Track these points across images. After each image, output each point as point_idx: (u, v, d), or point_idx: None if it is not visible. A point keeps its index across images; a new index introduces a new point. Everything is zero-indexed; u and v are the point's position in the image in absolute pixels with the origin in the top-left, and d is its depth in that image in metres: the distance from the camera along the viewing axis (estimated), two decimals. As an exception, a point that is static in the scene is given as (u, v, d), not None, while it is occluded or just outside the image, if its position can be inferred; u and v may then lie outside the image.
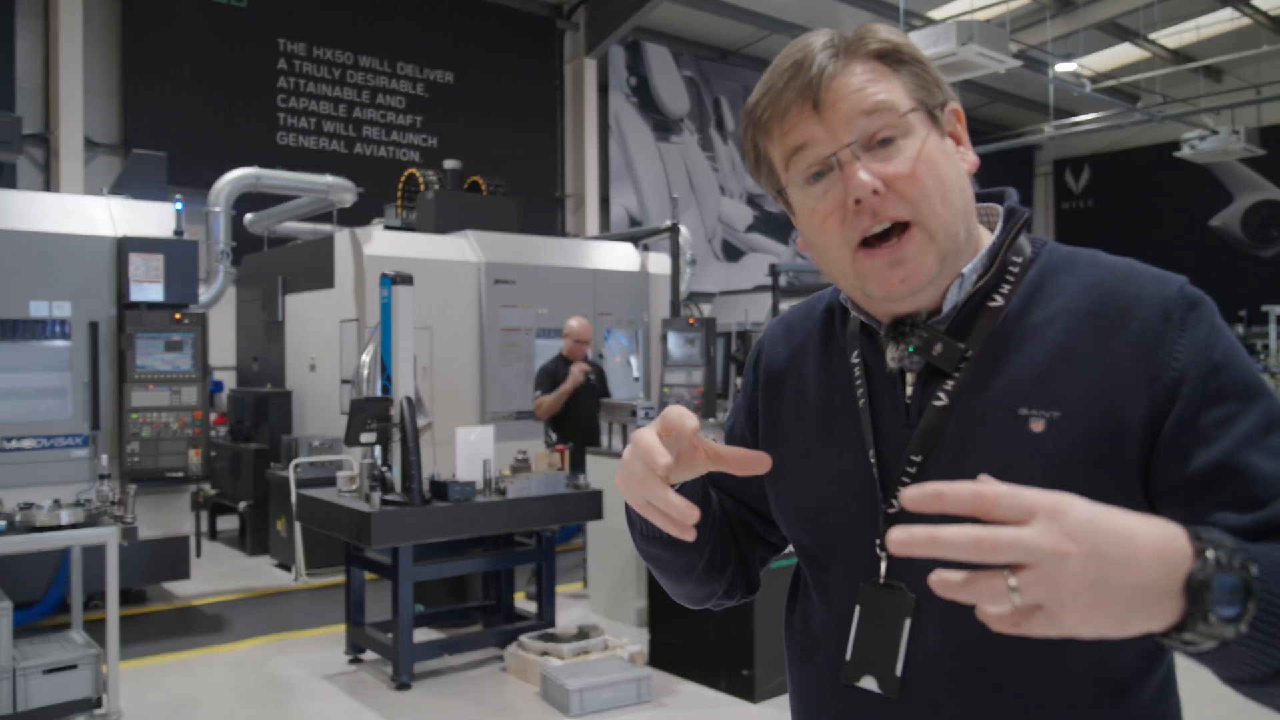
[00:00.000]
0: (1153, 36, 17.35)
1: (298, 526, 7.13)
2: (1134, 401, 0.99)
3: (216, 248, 7.71)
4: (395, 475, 5.07)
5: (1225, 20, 17.11)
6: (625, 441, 6.48)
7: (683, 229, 9.86)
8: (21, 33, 10.92)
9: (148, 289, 6.30)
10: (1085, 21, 16.03)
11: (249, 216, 10.34)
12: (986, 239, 1.12)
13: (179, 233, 6.52)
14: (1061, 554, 0.73)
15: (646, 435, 0.99)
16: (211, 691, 5.09)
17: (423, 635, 5.49)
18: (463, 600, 6.12)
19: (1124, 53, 18.20)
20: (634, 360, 9.49)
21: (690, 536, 0.98)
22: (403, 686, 4.98)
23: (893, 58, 1.07)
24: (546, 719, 4.63)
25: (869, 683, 1.08)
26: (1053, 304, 1.07)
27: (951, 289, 1.08)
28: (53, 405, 6.24)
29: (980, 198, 1.16)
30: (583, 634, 5.26)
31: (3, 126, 6.79)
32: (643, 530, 1.19)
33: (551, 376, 7.10)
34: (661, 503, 0.97)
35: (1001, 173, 22.64)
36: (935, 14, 15.95)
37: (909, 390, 1.10)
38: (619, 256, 9.76)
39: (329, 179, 9.01)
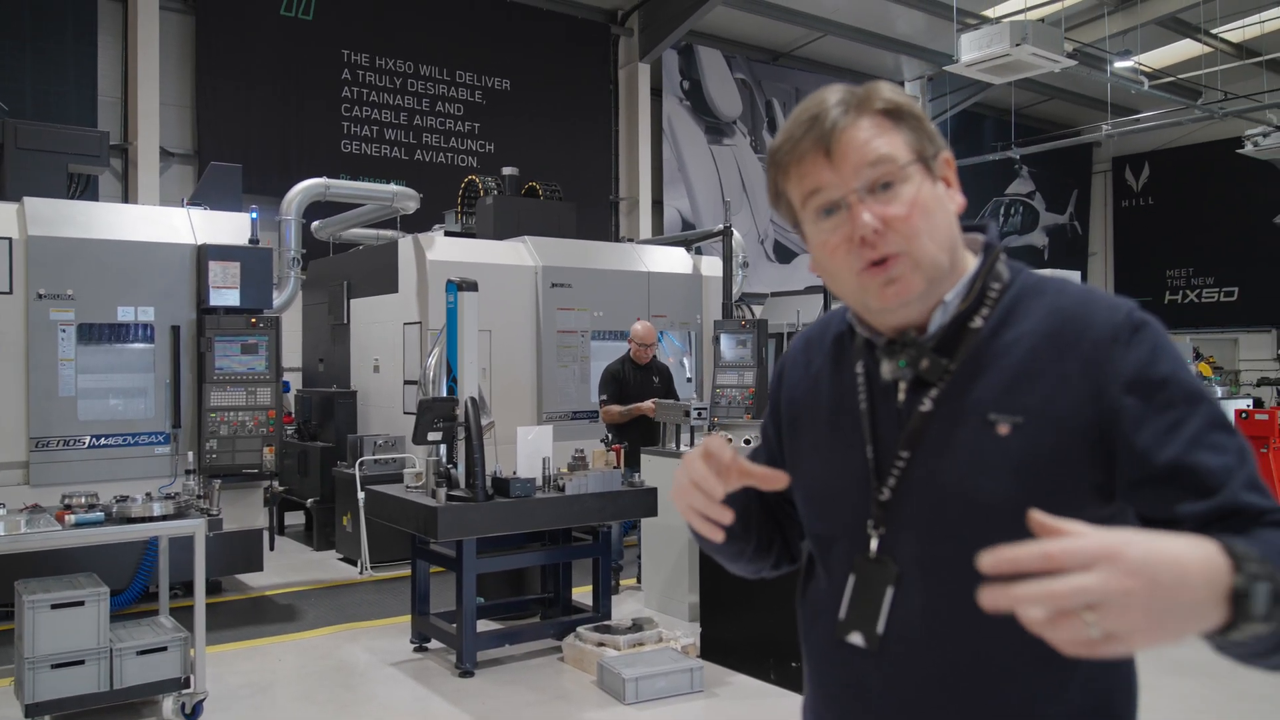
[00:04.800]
0: (1214, 31, 17.07)
1: (363, 522, 7.44)
2: (1083, 411, 1.18)
3: (288, 255, 8.06)
4: (459, 472, 5.31)
5: (1290, 13, 16.78)
6: (678, 441, 6.68)
7: (735, 232, 10.02)
8: (102, 48, 11.45)
9: (225, 294, 6.64)
10: (1144, 18, 15.85)
11: (315, 223, 10.71)
12: (971, 264, 1.31)
13: (254, 241, 6.85)
14: (1126, 591, 0.86)
15: (698, 465, 1.25)
16: (286, 675, 5.38)
17: (483, 626, 5.73)
18: (520, 593, 6.37)
19: (1185, 48, 17.93)
20: (687, 361, 9.68)
21: (719, 538, 1.28)
22: (466, 674, 5.22)
23: (895, 115, 1.26)
24: (603, 706, 4.84)
25: (856, 638, 1.30)
26: (1023, 325, 1.26)
27: (936, 313, 1.28)
28: (137, 405, 6.61)
29: (968, 228, 1.35)
30: (637, 626, 5.47)
31: (89, 142, 7.18)
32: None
33: (616, 379, 7.29)
34: (715, 514, 1.25)
35: (1060, 170, 22.39)
36: (990, 13, 15.88)
37: (901, 397, 1.30)
38: (672, 260, 9.95)
39: (394, 188, 9.34)
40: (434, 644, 5.73)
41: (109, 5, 11.53)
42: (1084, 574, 0.87)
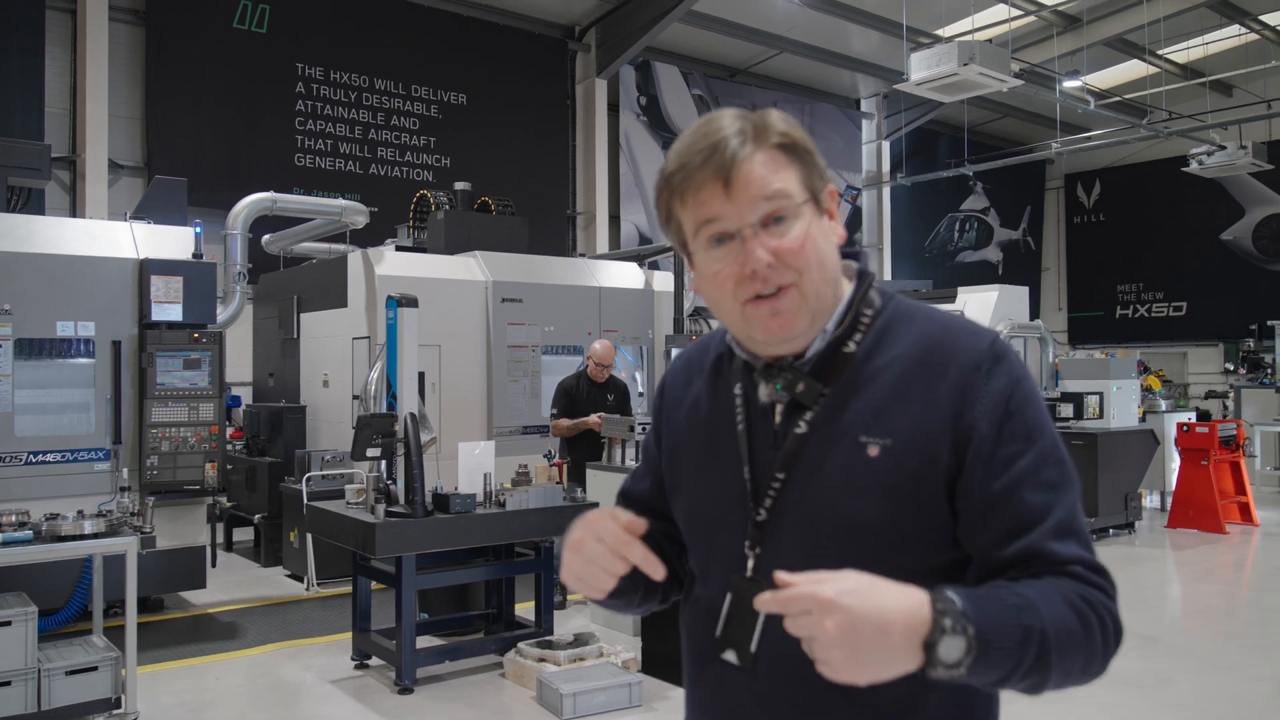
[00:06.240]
0: (1160, 52, 17.48)
1: (309, 538, 7.38)
2: (944, 434, 1.24)
3: (234, 269, 8.00)
4: (399, 488, 5.31)
5: (1234, 36, 17.24)
6: (623, 457, 6.70)
7: (687, 248, 10.07)
8: (50, 59, 11.32)
9: (168, 309, 6.58)
10: (1092, 38, 16.20)
11: (266, 237, 10.65)
12: (847, 291, 1.36)
13: (198, 255, 6.81)
14: (828, 636, 1.05)
15: (610, 525, 1.29)
16: (222, 695, 5.33)
17: (426, 642, 5.72)
18: (466, 609, 6.35)
19: (1132, 68, 18.34)
20: (639, 376, 9.71)
21: (609, 586, 1.32)
22: (405, 691, 5.21)
23: (790, 150, 1.29)
24: (541, 722, 4.84)
25: (730, 656, 1.32)
26: (893, 350, 1.30)
27: (815, 339, 1.32)
28: (77, 420, 6.53)
29: (844, 255, 1.39)
30: (579, 641, 5.48)
31: (32, 155, 7.11)
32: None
33: (569, 394, 7.31)
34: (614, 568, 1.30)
35: (1013, 187, 22.76)
36: (943, 32, 16.16)
37: (778, 419, 1.33)
38: (624, 275, 9.99)
39: (342, 202, 9.30)
40: (375, 661, 5.71)
41: (57, 16, 11.41)
42: (805, 616, 1.06)
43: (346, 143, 13.43)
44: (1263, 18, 16.65)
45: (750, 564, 1.31)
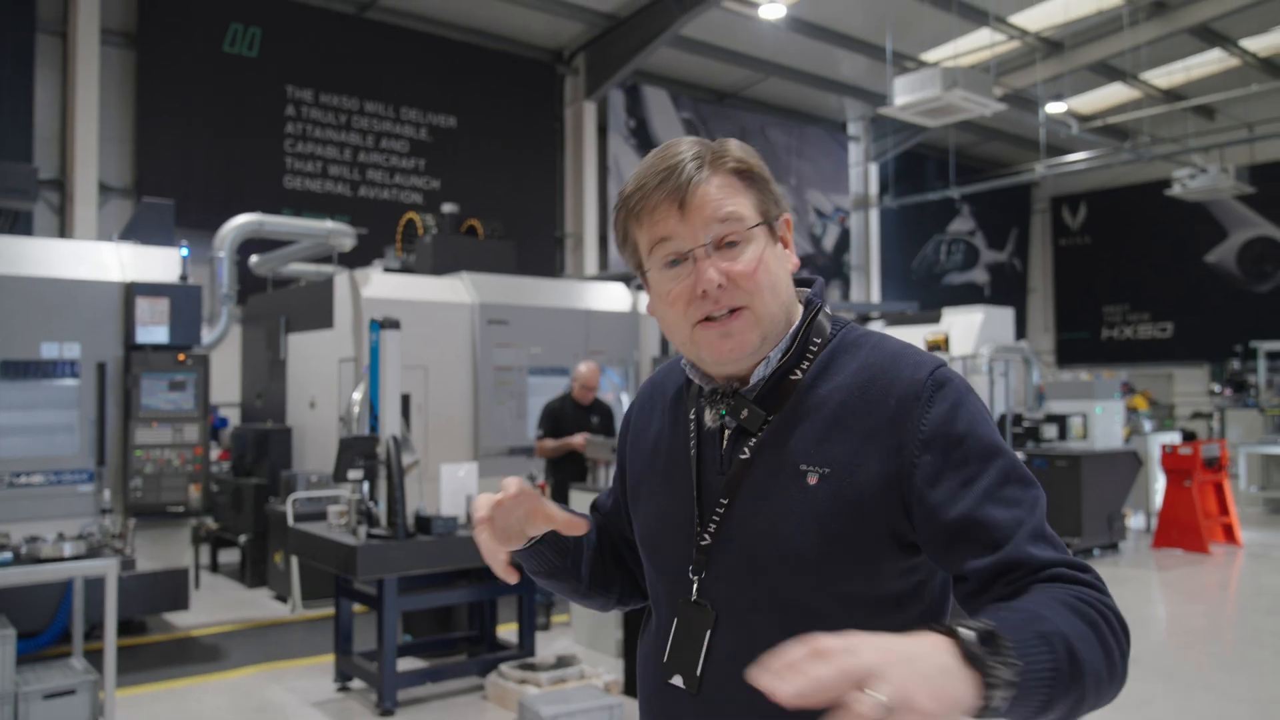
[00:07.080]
0: (1143, 77, 17.69)
1: (294, 559, 7.37)
2: (883, 464, 1.24)
3: (220, 291, 8.02)
4: (381, 510, 5.32)
5: (1215, 61, 17.47)
6: (607, 478, 6.73)
7: (673, 270, 10.13)
8: (40, 82, 11.37)
9: (153, 331, 6.61)
10: (1075, 63, 16.39)
11: (254, 258, 10.67)
12: (799, 317, 1.38)
13: (184, 278, 6.84)
14: (887, 660, 0.85)
15: (483, 496, 1.34)
16: (204, 717, 5.31)
17: (409, 664, 5.71)
18: (450, 630, 6.35)
19: (1115, 92, 18.55)
20: (625, 398, 9.74)
21: (512, 579, 1.38)
22: (386, 713, 5.20)
23: (745, 176, 1.32)
24: (521, 744, 4.83)
25: (677, 680, 1.34)
26: (836, 378, 1.31)
27: (760, 366, 1.34)
28: (61, 442, 6.53)
29: (799, 282, 1.41)
30: (561, 663, 5.48)
31: (18, 177, 7.15)
32: (530, 569, 1.49)
33: (555, 417, 7.31)
34: (486, 551, 1.34)
35: (1000, 210, 22.94)
36: (926, 56, 16.33)
37: (725, 445, 1.35)
38: (611, 297, 10.04)
39: (329, 224, 9.34)
40: (357, 683, 5.70)
41: (48, 39, 11.48)
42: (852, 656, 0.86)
43: (336, 165, 13.50)
44: (1243, 43, 16.87)
45: (695, 588, 1.33)
